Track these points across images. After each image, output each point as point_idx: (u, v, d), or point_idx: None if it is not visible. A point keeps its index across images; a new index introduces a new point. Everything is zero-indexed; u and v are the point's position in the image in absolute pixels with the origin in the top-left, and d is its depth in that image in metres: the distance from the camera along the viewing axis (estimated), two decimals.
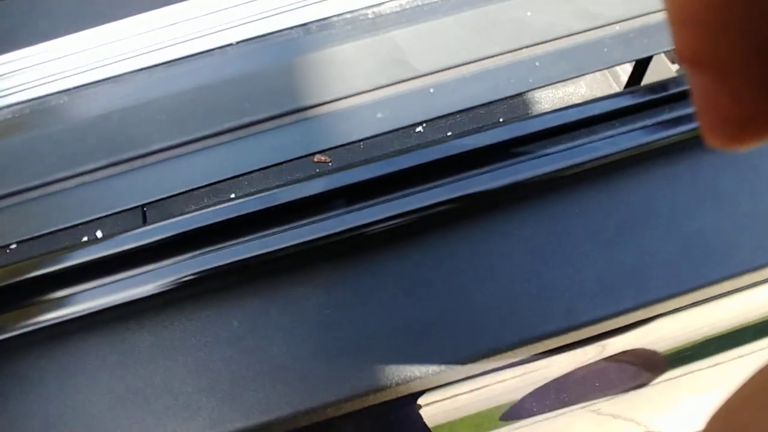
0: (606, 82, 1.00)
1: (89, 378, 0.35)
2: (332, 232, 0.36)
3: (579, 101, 1.00)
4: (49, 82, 0.48)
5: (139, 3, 0.53)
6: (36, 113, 0.46)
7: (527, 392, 0.39)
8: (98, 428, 0.33)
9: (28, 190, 0.41)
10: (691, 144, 0.39)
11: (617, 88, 0.98)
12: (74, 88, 0.47)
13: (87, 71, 0.48)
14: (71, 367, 0.35)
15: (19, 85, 0.48)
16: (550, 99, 1.00)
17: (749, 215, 0.37)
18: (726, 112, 0.09)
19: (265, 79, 0.43)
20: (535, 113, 1.00)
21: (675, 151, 0.39)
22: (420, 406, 0.36)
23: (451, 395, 0.37)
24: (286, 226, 0.36)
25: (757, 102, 0.09)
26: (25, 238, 0.39)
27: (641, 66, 0.53)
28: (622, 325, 0.36)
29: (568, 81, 0.83)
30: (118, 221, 0.74)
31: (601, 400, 0.42)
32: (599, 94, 1.02)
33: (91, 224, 0.40)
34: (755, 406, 0.09)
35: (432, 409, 0.36)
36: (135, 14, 0.51)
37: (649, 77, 0.57)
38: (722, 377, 0.43)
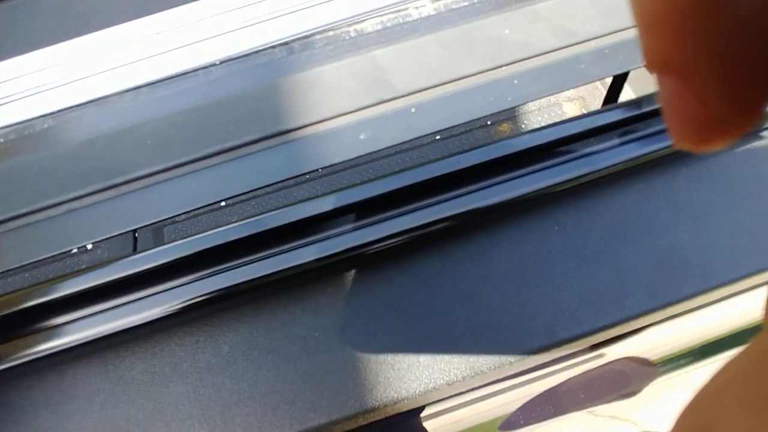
0: (591, 83, 1.01)
1: (81, 406, 0.35)
2: (318, 256, 0.36)
3: (565, 101, 1.00)
4: (32, 96, 0.48)
5: (124, 14, 0.53)
6: (22, 138, 0.46)
7: (521, 404, 0.40)
8: None
9: (14, 218, 0.41)
10: (667, 160, 0.40)
11: (601, 88, 0.99)
12: (60, 111, 0.47)
13: (71, 85, 0.48)
14: (62, 395, 0.36)
15: (5, 97, 0.49)
16: (536, 100, 1.01)
17: (724, 229, 0.38)
18: (693, 114, 0.10)
19: (248, 102, 0.43)
20: (520, 114, 1.01)
21: (652, 167, 0.40)
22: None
23: (449, 408, 0.38)
24: (272, 252, 0.37)
25: (721, 104, 0.09)
26: (12, 267, 0.39)
27: (620, 78, 0.54)
28: (608, 337, 0.37)
29: None
30: (109, 242, 0.74)
31: (589, 408, 0.43)
32: (585, 95, 1.02)
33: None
34: (724, 400, 0.09)
35: (431, 423, 0.37)
36: (117, 24, 0.51)
37: (634, 80, 0.58)
38: None
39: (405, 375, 0.35)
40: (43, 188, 0.42)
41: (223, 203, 0.97)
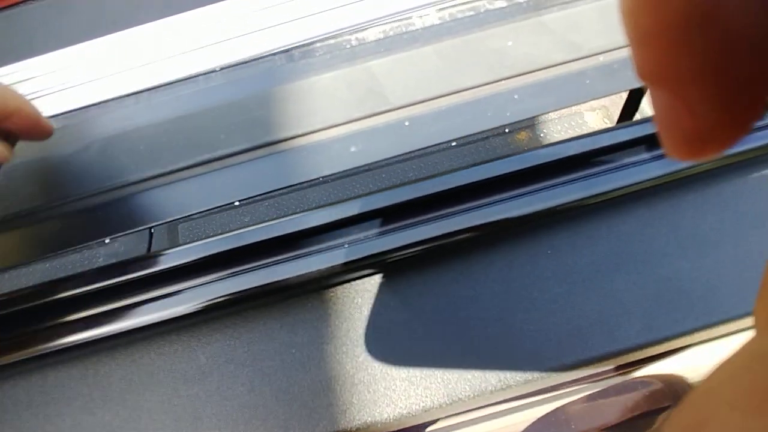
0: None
1: (60, 409, 0.36)
2: (299, 273, 0.36)
3: (587, 111, 0.97)
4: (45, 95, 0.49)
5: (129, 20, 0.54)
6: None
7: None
8: None
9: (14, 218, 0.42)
10: (671, 185, 0.37)
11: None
12: (65, 113, 0.48)
13: (76, 88, 0.49)
14: (44, 397, 0.36)
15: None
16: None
17: (731, 261, 0.36)
18: (684, 126, 0.10)
19: (242, 110, 0.43)
20: (540, 123, 0.98)
21: (654, 192, 0.38)
22: None
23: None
24: (253, 266, 0.36)
25: (712, 116, 0.09)
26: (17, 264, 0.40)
27: (637, 93, 0.51)
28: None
29: None
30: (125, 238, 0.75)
31: None
32: (608, 104, 0.98)
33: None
34: (717, 399, 0.09)
35: None
36: (124, 29, 0.52)
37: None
38: None
39: (379, 399, 0.34)
40: (41, 191, 0.43)
41: (236, 203, 0.97)
